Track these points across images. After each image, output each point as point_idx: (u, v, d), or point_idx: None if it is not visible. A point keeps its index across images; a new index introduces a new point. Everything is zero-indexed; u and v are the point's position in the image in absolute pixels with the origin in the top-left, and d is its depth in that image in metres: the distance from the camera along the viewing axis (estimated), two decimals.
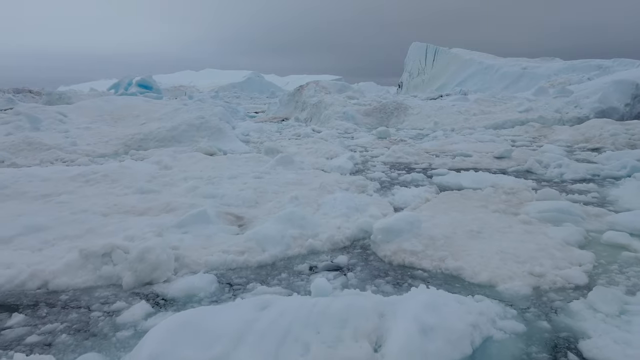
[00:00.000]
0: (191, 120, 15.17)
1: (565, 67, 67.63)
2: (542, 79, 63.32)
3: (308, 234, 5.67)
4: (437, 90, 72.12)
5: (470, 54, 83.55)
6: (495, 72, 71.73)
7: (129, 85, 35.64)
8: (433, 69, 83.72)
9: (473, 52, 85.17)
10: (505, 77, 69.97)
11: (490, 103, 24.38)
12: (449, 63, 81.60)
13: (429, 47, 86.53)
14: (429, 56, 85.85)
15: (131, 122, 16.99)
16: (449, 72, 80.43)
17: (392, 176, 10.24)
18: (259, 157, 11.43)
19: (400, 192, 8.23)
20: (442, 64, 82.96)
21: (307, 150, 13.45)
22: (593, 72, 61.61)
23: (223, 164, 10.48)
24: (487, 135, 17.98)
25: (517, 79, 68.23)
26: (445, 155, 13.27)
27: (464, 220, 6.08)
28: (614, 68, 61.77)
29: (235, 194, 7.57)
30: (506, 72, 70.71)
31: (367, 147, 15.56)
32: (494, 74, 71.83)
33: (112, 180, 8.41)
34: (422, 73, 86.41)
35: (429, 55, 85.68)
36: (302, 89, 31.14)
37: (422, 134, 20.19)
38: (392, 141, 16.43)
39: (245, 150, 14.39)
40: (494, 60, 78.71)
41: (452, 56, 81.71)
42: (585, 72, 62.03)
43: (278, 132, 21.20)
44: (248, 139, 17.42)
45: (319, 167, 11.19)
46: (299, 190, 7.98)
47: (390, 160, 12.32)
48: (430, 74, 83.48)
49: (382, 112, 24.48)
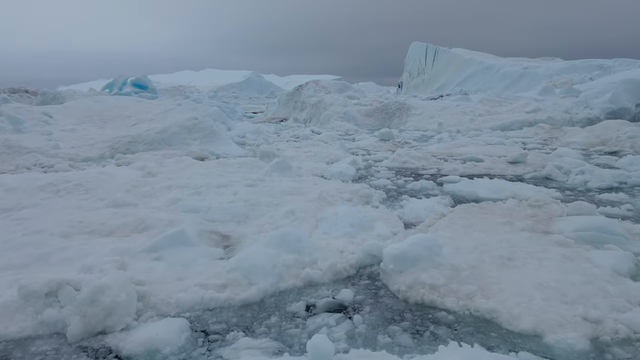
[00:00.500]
0: (183, 121, 14.18)
1: (567, 67, 66.89)
2: (543, 79, 62.61)
3: (305, 261, 4.70)
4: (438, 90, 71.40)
5: (471, 53, 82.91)
6: (496, 72, 71.08)
7: (124, 84, 34.32)
8: (433, 69, 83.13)
9: (473, 51, 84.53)
10: (506, 77, 69.33)
11: (495, 103, 23.41)
12: (449, 63, 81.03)
13: (429, 46, 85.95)
14: (429, 56, 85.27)
15: (121, 124, 16.01)
16: (449, 72, 79.85)
17: (399, 184, 9.27)
18: (254, 162, 10.45)
19: (409, 204, 7.26)
20: (442, 63, 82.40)
21: (305, 154, 12.47)
22: (594, 72, 60.93)
23: (213, 170, 9.50)
24: (495, 137, 17.01)
25: (517, 79, 67.58)
26: (454, 159, 12.30)
27: (489, 242, 5.10)
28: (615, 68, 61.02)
29: (223, 207, 6.59)
30: (507, 72, 70.05)
31: (369, 150, 14.59)
32: (494, 74, 71.18)
33: (86, 191, 7.43)
34: (422, 73, 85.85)
35: (429, 55, 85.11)
36: (301, 88, 30.14)
37: (426, 136, 19.21)
38: (396, 144, 15.46)
39: (240, 154, 13.42)
40: (495, 60, 78.06)
41: (452, 56, 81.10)
42: (586, 72, 61.33)
43: (276, 134, 20.22)
44: (244, 141, 16.45)
45: (318, 173, 10.23)
46: (295, 202, 7.02)
47: (396, 165, 11.34)
48: (431, 73, 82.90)
49: (383, 112, 23.50)
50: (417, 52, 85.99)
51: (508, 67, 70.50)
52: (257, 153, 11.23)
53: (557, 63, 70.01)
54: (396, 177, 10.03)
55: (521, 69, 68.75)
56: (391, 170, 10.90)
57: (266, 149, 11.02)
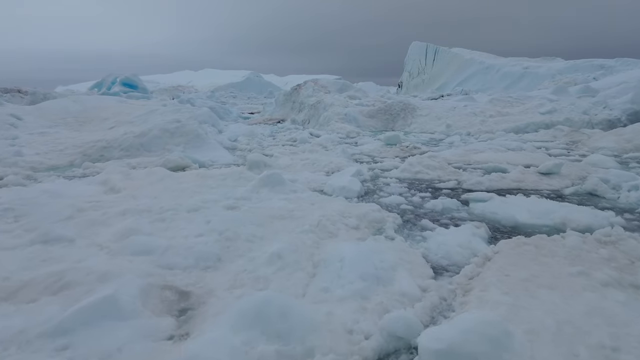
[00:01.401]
0: (164, 124, 12.42)
1: (568, 67, 65.71)
2: (544, 79, 61.45)
3: (293, 354, 2.95)
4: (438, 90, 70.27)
5: (471, 53, 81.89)
6: (496, 72, 70.07)
7: (113, 84, 32.32)
8: (433, 69, 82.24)
9: (474, 51, 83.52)
10: (507, 77, 68.36)
11: (506, 103, 21.66)
12: (450, 63, 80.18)
13: (429, 46, 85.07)
14: (429, 56, 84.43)
15: (98, 126, 14.25)
16: (449, 71, 78.97)
17: (415, 202, 7.52)
18: (241, 173, 8.70)
19: (435, 236, 5.50)
20: (442, 63, 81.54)
21: (302, 161, 10.71)
22: (596, 71, 59.78)
23: (189, 185, 7.74)
24: (511, 141, 15.26)
25: (518, 79, 66.63)
26: (473, 168, 10.56)
27: (573, 315, 3.35)
28: (617, 68, 59.79)
29: (188, 244, 4.84)
30: (507, 72, 69.04)
31: (374, 157, 12.84)
32: (494, 74, 70.21)
33: (15, 218, 5.67)
34: (422, 73, 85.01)
35: (429, 54, 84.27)
36: (299, 88, 28.32)
37: (434, 139, 17.45)
38: (404, 149, 13.70)
39: (228, 161, 11.66)
40: (495, 60, 77.02)
41: (453, 56, 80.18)
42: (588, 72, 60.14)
43: (271, 137, 18.46)
44: (235, 146, 14.68)
45: (317, 186, 8.48)
46: (286, 235, 5.28)
47: (407, 177, 9.60)
48: (431, 73, 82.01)
49: (387, 113, 21.73)
50: (417, 52, 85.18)
51: (509, 67, 69.45)
52: (246, 162, 9.47)
53: (558, 63, 68.88)
54: (410, 191, 8.28)
55: (522, 68, 67.67)
56: (402, 182, 9.15)
57: (256, 158, 9.26)
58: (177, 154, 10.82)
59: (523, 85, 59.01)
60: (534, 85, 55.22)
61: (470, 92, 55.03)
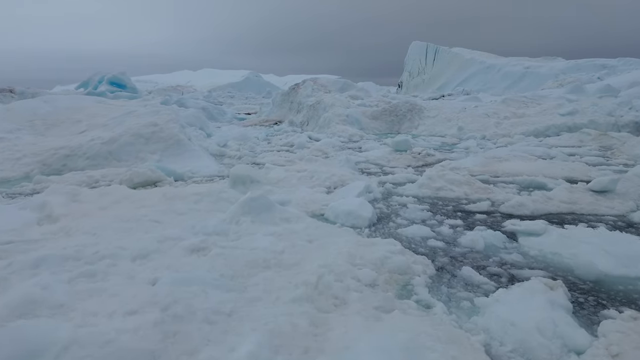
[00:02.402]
0: (138, 128, 10.51)
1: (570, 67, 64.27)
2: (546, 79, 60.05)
3: None
4: (438, 90, 69.02)
5: (472, 53, 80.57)
6: (497, 72, 68.75)
7: (100, 83, 30.04)
8: (433, 69, 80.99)
9: (474, 51, 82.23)
10: (508, 77, 67.02)
11: (521, 104, 19.75)
12: (450, 62, 78.93)
13: (430, 46, 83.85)
14: (429, 55, 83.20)
15: (67, 130, 12.35)
16: (449, 71, 77.71)
17: (445, 234, 5.62)
18: (220, 192, 6.79)
19: (494, 307, 3.60)
20: (442, 63, 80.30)
21: (299, 174, 8.80)
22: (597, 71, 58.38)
23: (150, 212, 5.84)
24: (534, 147, 13.36)
25: (519, 79, 65.30)
26: (503, 182, 8.67)
27: None
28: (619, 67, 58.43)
29: (108, 333, 2.95)
30: (508, 72, 67.69)
31: (383, 166, 10.94)
32: (495, 74, 68.90)
33: None
34: (423, 73, 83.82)
35: (429, 54, 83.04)
36: (297, 87, 26.35)
37: (447, 144, 15.55)
38: (416, 156, 11.79)
39: (212, 172, 9.75)
40: (496, 60, 75.66)
41: (453, 55, 78.89)
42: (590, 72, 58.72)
43: (266, 141, 16.54)
44: (223, 152, 12.77)
45: (316, 210, 6.60)
46: (267, 306, 3.39)
47: (427, 194, 7.70)
48: (431, 73, 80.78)
49: (392, 114, 19.83)
50: (417, 52, 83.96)
51: (510, 67, 68.14)
52: (229, 176, 7.56)
53: (559, 63, 67.52)
54: (434, 217, 6.39)
55: (523, 68, 66.34)
56: (422, 202, 7.26)
57: (240, 172, 7.35)
58: (149, 165, 8.91)
59: (524, 85, 57.72)
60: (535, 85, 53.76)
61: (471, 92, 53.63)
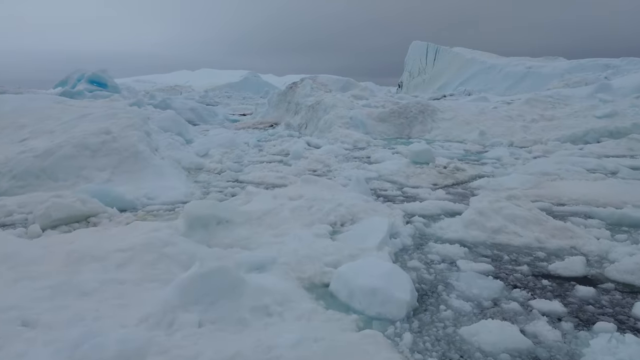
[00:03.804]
0: (84, 137, 7.87)
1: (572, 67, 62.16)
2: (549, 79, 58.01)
3: None
4: (439, 90, 67.46)
5: (472, 53, 78.75)
6: (499, 72, 66.80)
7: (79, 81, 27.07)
8: (434, 69, 79.29)
9: (475, 51, 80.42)
10: (509, 77, 65.08)
11: (547, 105, 17.14)
12: (450, 62, 77.20)
13: (430, 46, 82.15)
14: (429, 55, 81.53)
15: (6, 138, 9.71)
16: (450, 71, 76.00)
17: (552, 347, 3.01)
18: (164, 246, 4.15)
19: None
20: (443, 63, 78.60)
21: (291, 203, 6.13)
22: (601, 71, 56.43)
23: (29, 294, 3.21)
24: (580, 158, 10.74)
25: (521, 79, 63.38)
26: (577, 216, 6.05)
27: None
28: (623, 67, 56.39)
29: None
30: (510, 72, 65.73)
31: (402, 185, 8.29)
32: (496, 74, 66.97)
33: None
34: (423, 72, 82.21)
35: (430, 54, 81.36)
36: (295, 86, 23.64)
37: (470, 151, 12.91)
38: (443, 171, 9.12)
39: (176, 198, 7.08)
40: (497, 60, 73.77)
41: (454, 55, 77.11)
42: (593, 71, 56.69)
43: (257, 148, 13.87)
44: (201, 164, 10.12)
45: (315, 277, 3.96)
46: None
47: (481, 239, 5.07)
48: (431, 73, 79.11)
49: (402, 116, 17.21)
50: (418, 52, 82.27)
51: (511, 67, 66.20)
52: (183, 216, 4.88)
53: (561, 62, 65.53)
54: (509, 292, 3.76)
55: (525, 68, 64.40)
56: (478, 257, 4.63)
57: (200, 211, 4.69)
58: (84, 190, 6.25)
59: (526, 86, 56.04)
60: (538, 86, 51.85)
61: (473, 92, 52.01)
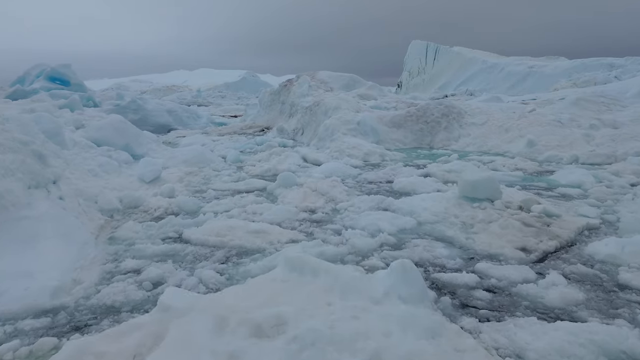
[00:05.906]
0: None
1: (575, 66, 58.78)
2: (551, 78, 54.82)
3: None
4: (439, 89, 64.82)
5: (473, 52, 75.81)
6: (500, 72, 63.68)
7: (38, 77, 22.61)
8: (434, 68, 76.49)
9: (475, 50, 77.55)
10: (511, 77, 62.01)
11: (602, 106, 13.41)
12: (451, 62, 74.46)
13: (430, 45, 79.39)
14: (429, 55, 78.76)
15: None
16: (450, 71, 73.22)
17: None
18: None
19: None
20: (443, 62, 75.87)
21: (272, 329, 2.41)
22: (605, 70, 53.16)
23: None
24: None
25: (523, 79, 60.26)
26: None
27: None
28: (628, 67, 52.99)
29: None
30: (511, 71, 62.56)
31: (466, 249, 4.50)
32: (498, 73, 63.86)
33: None
34: (423, 72, 79.44)
35: (430, 53, 78.58)
36: (289, 84, 19.72)
37: (525, 171, 9.11)
38: (527, 221, 5.32)
39: (21, 301, 3.33)
40: (498, 59, 70.76)
41: (454, 55, 74.33)
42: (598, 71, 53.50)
43: (235, 166, 10.04)
44: (137, 202, 6.34)
45: None
46: None
47: None
48: (431, 73, 76.33)
49: (420, 120, 13.43)
50: (417, 51, 79.46)
51: (513, 66, 62.99)
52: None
53: (563, 62, 62.21)
54: None
55: (527, 67, 61.14)
56: None
57: None
58: None
59: (528, 85, 53.07)
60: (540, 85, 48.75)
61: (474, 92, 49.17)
